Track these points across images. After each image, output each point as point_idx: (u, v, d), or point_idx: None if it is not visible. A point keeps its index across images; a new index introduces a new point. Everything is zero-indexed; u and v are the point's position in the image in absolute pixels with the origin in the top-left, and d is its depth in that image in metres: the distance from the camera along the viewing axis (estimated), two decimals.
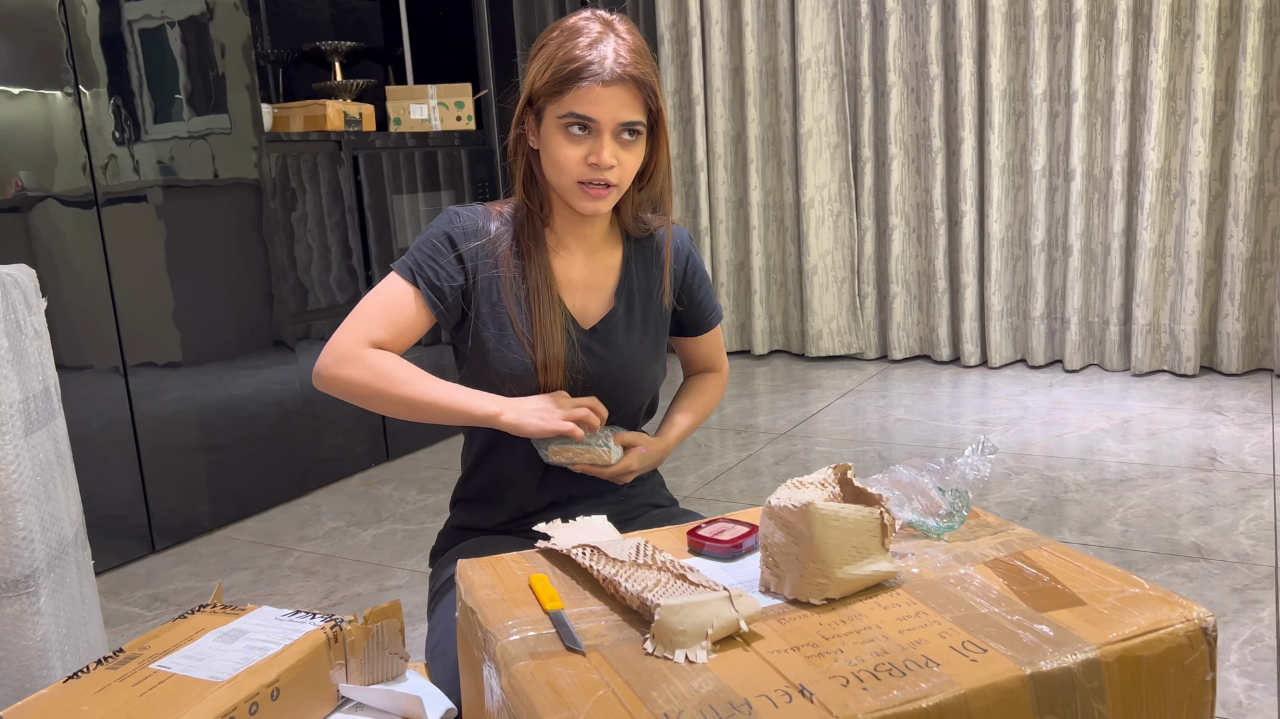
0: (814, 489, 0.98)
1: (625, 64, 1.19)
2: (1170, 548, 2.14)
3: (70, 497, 1.40)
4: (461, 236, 1.29)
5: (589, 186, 1.21)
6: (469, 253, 1.28)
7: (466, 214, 1.31)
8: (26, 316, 1.31)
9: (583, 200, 1.23)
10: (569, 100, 1.19)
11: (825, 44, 3.97)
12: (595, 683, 0.79)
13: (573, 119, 1.19)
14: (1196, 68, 3.35)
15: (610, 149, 1.20)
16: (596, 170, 1.20)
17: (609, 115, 1.19)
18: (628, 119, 1.20)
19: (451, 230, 1.29)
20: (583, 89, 1.18)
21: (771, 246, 4.29)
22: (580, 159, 1.20)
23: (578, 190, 1.22)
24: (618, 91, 1.18)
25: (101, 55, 2.33)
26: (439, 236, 1.29)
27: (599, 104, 1.18)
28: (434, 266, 1.27)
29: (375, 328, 1.24)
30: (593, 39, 1.19)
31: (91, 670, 1.01)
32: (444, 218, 1.31)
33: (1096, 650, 0.80)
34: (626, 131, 1.21)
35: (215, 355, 2.63)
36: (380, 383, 1.21)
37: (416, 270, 1.27)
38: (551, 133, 1.21)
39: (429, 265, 1.27)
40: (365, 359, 1.22)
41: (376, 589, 2.17)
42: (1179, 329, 3.55)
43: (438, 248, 1.28)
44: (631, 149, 1.23)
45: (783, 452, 3.00)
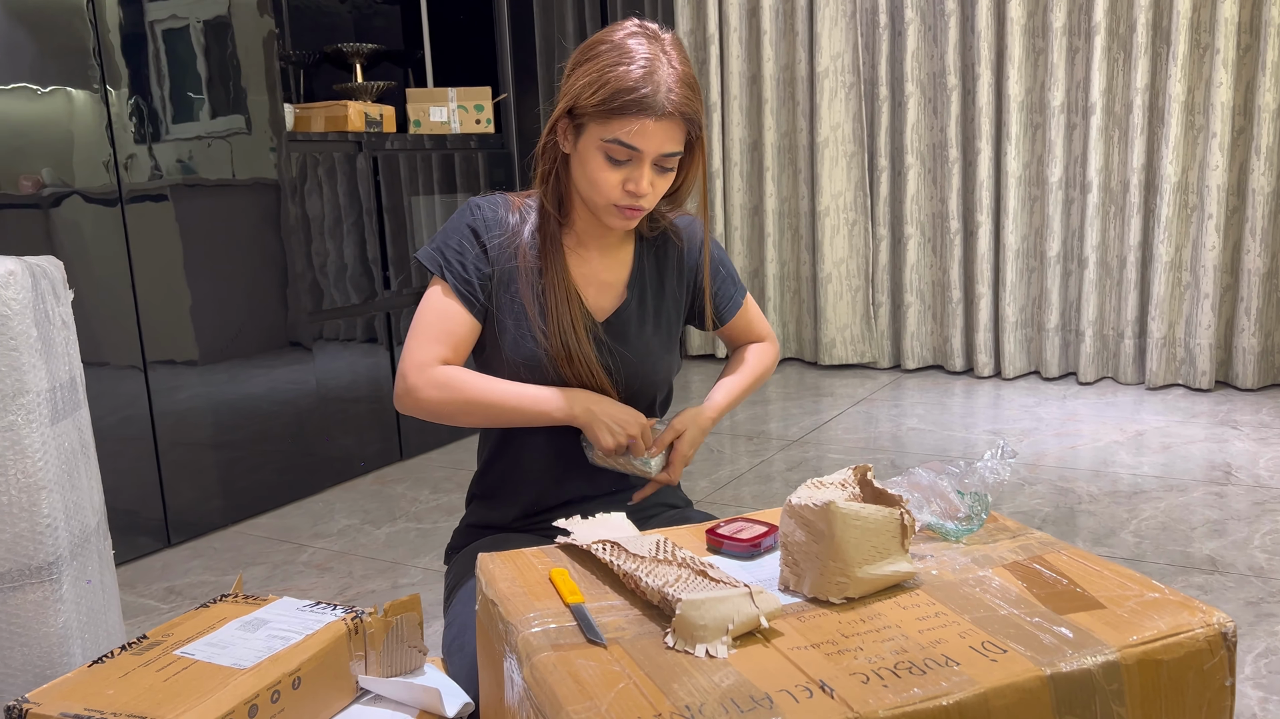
0: (834, 489, 0.98)
1: (676, 101, 1.19)
2: (1184, 560, 2.13)
3: (93, 486, 1.42)
4: (484, 228, 1.30)
5: (621, 208, 1.23)
6: (492, 245, 1.30)
7: (487, 205, 1.33)
8: (55, 307, 1.33)
9: (614, 219, 1.25)
10: (616, 127, 1.19)
11: (843, 53, 3.98)
12: (617, 675, 0.79)
13: (618, 146, 1.20)
14: (1215, 82, 3.35)
15: (648, 178, 1.22)
16: (633, 198, 1.22)
17: (654, 148, 1.20)
18: (670, 150, 1.22)
19: (474, 223, 1.31)
20: (632, 121, 1.18)
21: (786, 254, 4.29)
22: (618, 184, 1.22)
23: (611, 209, 1.24)
24: (667, 126, 1.20)
25: (127, 54, 2.36)
26: (463, 230, 1.31)
27: (646, 138, 1.19)
28: (461, 259, 1.29)
29: (434, 346, 1.28)
30: (646, 67, 1.18)
31: (116, 655, 1.02)
32: (465, 210, 1.32)
33: (1117, 653, 0.80)
34: (666, 161, 1.23)
35: (233, 353, 2.65)
36: (453, 402, 1.26)
37: (446, 266, 1.29)
38: (592, 152, 1.22)
39: (457, 260, 1.29)
40: (434, 381, 1.26)
41: (390, 586, 2.18)
42: (1194, 343, 3.54)
43: (464, 244, 1.30)
44: (665, 175, 1.25)
45: (795, 458, 3.01)
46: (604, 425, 1.26)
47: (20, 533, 1.23)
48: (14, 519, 1.22)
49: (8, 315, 1.21)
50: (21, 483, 1.22)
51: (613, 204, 1.24)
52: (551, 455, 1.35)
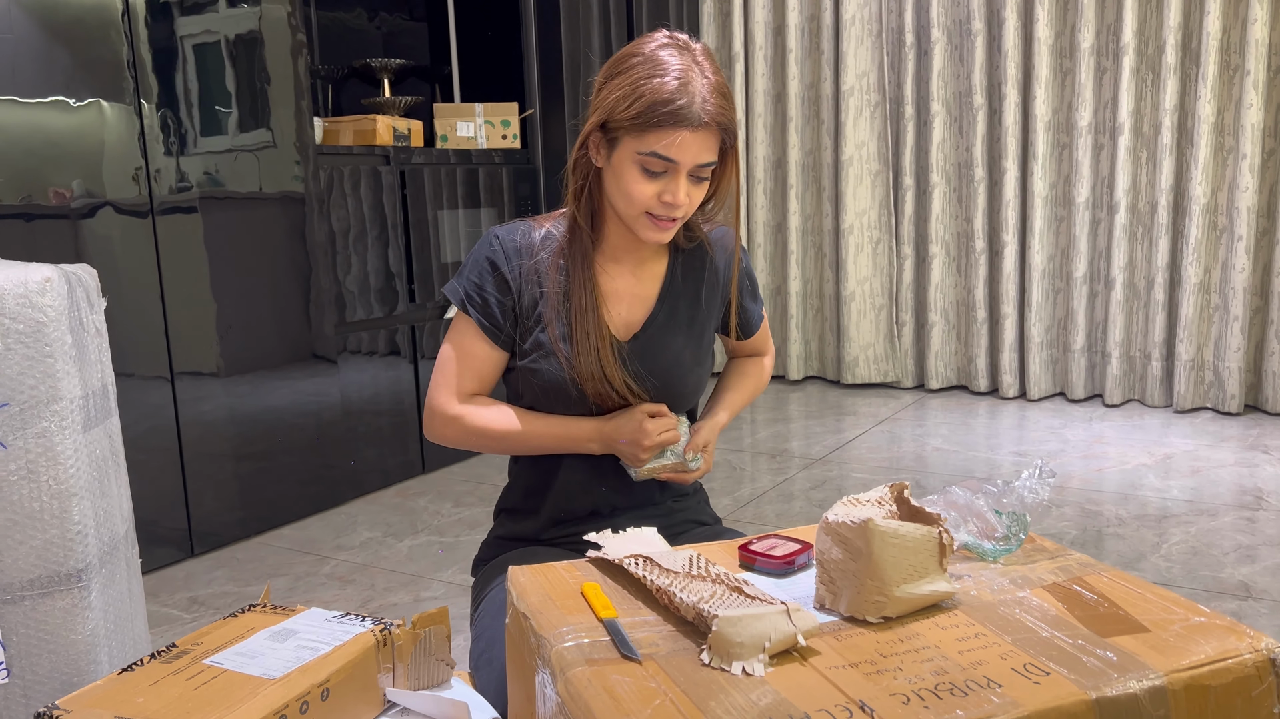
0: (871, 507, 0.97)
1: (712, 111, 1.19)
2: (1216, 585, 2.10)
3: (122, 494, 1.42)
4: (503, 259, 1.30)
5: (657, 219, 1.23)
6: (513, 275, 1.30)
7: (507, 236, 1.32)
8: (89, 314, 1.34)
9: (649, 231, 1.25)
10: (652, 140, 1.18)
11: (869, 72, 3.97)
12: (653, 691, 0.78)
13: (654, 158, 1.19)
14: (1246, 103, 3.33)
15: (684, 189, 1.21)
16: (669, 209, 1.22)
17: (690, 159, 1.20)
18: (706, 161, 1.21)
19: (493, 255, 1.31)
20: (669, 134, 1.18)
21: (809, 272, 4.28)
22: (654, 196, 1.22)
23: (645, 221, 1.24)
24: (703, 136, 1.19)
25: (160, 68, 2.38)
26: (483, 264, 1.31)
27: (683, 149, 1.19)
28: (483, 294, 1.30)
29: (458, 380, 1.32)
30: (680, 78, 1.18)
31: (145, 664, 1.02)
32: (485, 243, 1.32)
33: (1164, 678, 0.79)
34: (701, 172, 1.23)
35: (258, 365, 2.66)
36: (477, 436, 1.32)
37: (469, 301, 1.31)
38: (626, 164, 1.22)
39: (478, 293, 1.30)
40: (458, 418, 1.31)
41: (413, 600, 2.17)
42: (1223, 366, 3.50)
43: (483, 275, 1.31)
44: (700, 185, 1.25)
45: (818, 477, 2.99)
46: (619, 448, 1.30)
47: (51, 539, 1.23)
48: (45, 525, 1.23)
49: (43, 322, 1.21)
50: (53, 489, 1.23)
51: (647, 216, 1.23)
52: (581, 465, 1.34)
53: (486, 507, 2.83)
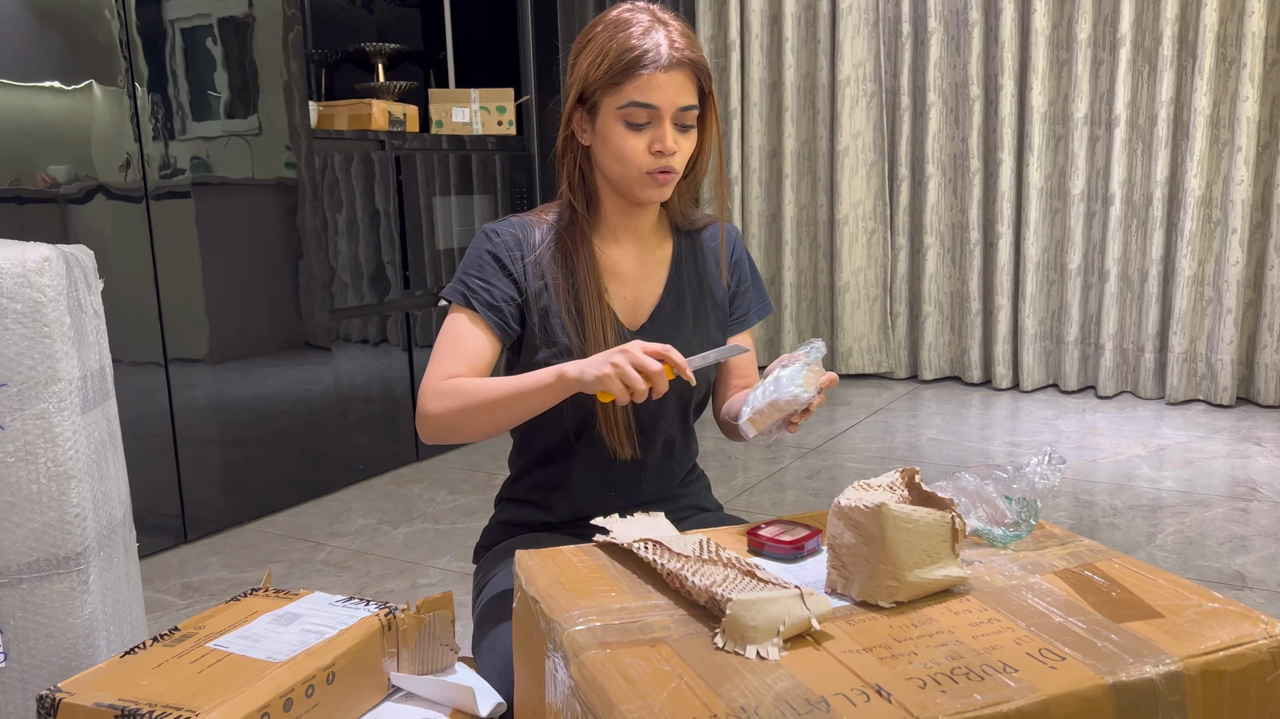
0: (883, 491, 0.97)
1: (681, 49, 1.19)
2: (1213, 575, 2.11)
3: (120, 477, 1.40)
4: (505, 252, 1.28)
5: (655, 174, 1.21)
6: (516, 268, 1.27)
7: (504, 229, 1.29)
8: (87, 296, 1.32)
9: (649, 189, 1.23)
10: (629, 90, 1.19)
11: (865, 62, 3.96)
12: (668, 674, 0.78)
13: (634, 108, 1.19)
14: (1241, 96, 3.33)
15: (672, 135, 1.20)
16: (662, 158, 1.20)
17: (669, 101, 1.19)
18: (686, 103, 1.20)
19: (494, 249, 1.28)
20: (643, 77, 1.18)
21: (804, 262, 4.28)
22: (644, 149, 1.20)
23: (644, 179, 1.22)
24: (676, 76, 1.19)
25: (153, 51, 2.35)
26: (484, 258, 1.28)
27: (660, 90, 1.18)
28: (487, 288, 1.26)
29: (450, 365, 1.23)
30: (644, 28, 1.20)
31: (148, 647, 1.00)
32: (482, 239, 1.29)
33: (1180, 663, 0.78)
34: (684, 118, 1.21)
35: (252, 352, 2.64)
36: (460, 403, 1.18)
37: (471, 295, 1.26)
38: (611, 125, 1.21)
39: (482, 288, 1.26)
40: (444, 393, 1.20)
41: (409, 586, 2.16)
42: (1216, 359, 3.51)
43: (485, 269, 1.27)
44: (687, 135, 1.24)
45: (813, 467, 2.98)
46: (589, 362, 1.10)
47: (49, 522, 1.21)
48: (43, 508, 1.21)
49: (41, 302, 1.20)
50: (51, 471, 1.21)
51: (644, 173, 1.21)
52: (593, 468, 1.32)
53: (482, 494, 2.82)
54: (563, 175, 1.29)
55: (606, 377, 1.07)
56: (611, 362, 1.07)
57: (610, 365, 1.07)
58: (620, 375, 1.06)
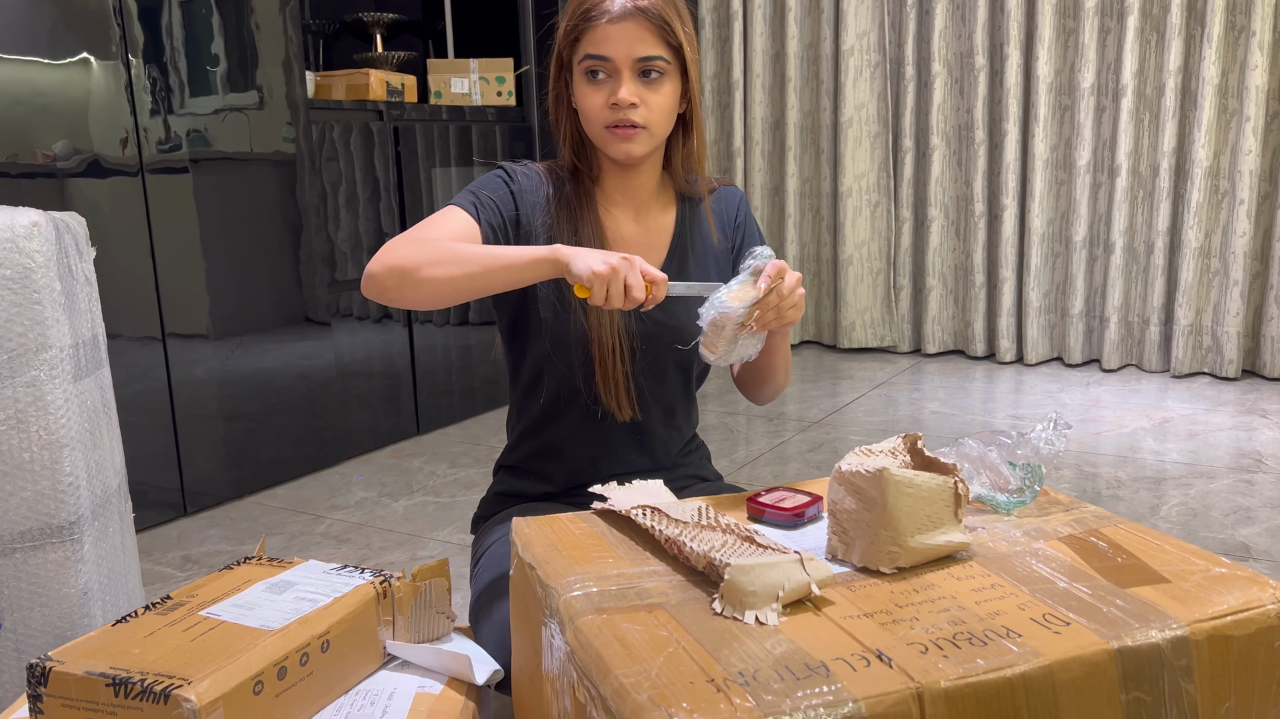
0: (885, 457, 0.95)
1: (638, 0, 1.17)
2: (1218, 546, 2.09)
3: (114, 446, 1.39)
4: (520, 194, 1.26)
5: (616, 129, 1.19)
6: (525, 211, 1.26)
7: (522, 172, 1.28)
8: (78, 263, 1.30)
9: (613, 144, 1.20)
10: (585, 44, 1.19)
11: (869, 32, 3.92)
12: (665, 639, 0.76)
13: (590, 61, 1.18)
14: (1250, 65, 3.28)
15: (630, 87, 1.17)
16: (618, 110, 1.18)
17: (622, 52, 1.17)
18: (644, 54, 1.17)
19: (512, 187, 1.26)
20: (595, 28, 1.17)
21: (807, 235, 4.24)
22: (602, 103, 1.19)
23: (606, 135, 1.20)
24: (629, 26, 1.17)
25: (148, 22, 2.32)
26: (500, 189, 1.26)
27: (610, 41, 1.17)
28: (494, 210, 1.24)
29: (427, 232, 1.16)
30: None
31: (140, 615, 0.99)
32: (502, 172, 1.28)
33: (1186, 628, 0.77)
34: (647, 69, 1.18)
35: (251, 326, 2.62)
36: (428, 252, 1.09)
37: (480, 207, 1.22)
38: (578, 83, 1.22)
39: (491, 208, 1.23)
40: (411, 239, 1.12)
41: (409, 558, 2.16)
42: (1222, 331, 3.48)
43: (502, 197, 1.25)
44: (657, 88, 1.19)
45: (815, 440, 2.97)
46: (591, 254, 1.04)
47: (41, 491, 1.20)
48: (35, 477, 1.20)
49: (31, 268, 1.18)
50: (43, 440, 1.20)
51: (604, 127, 1.19)
52: (590, 431, 1.30)
53: (482, 467, 2.81)
54: (563, 140, 1.28)
55: (600, 275, 1.01)
56: (612, 265, 1.02)
57: (608, 267, 1.01)
58: (610, 280, 1.02)
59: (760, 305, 1.05)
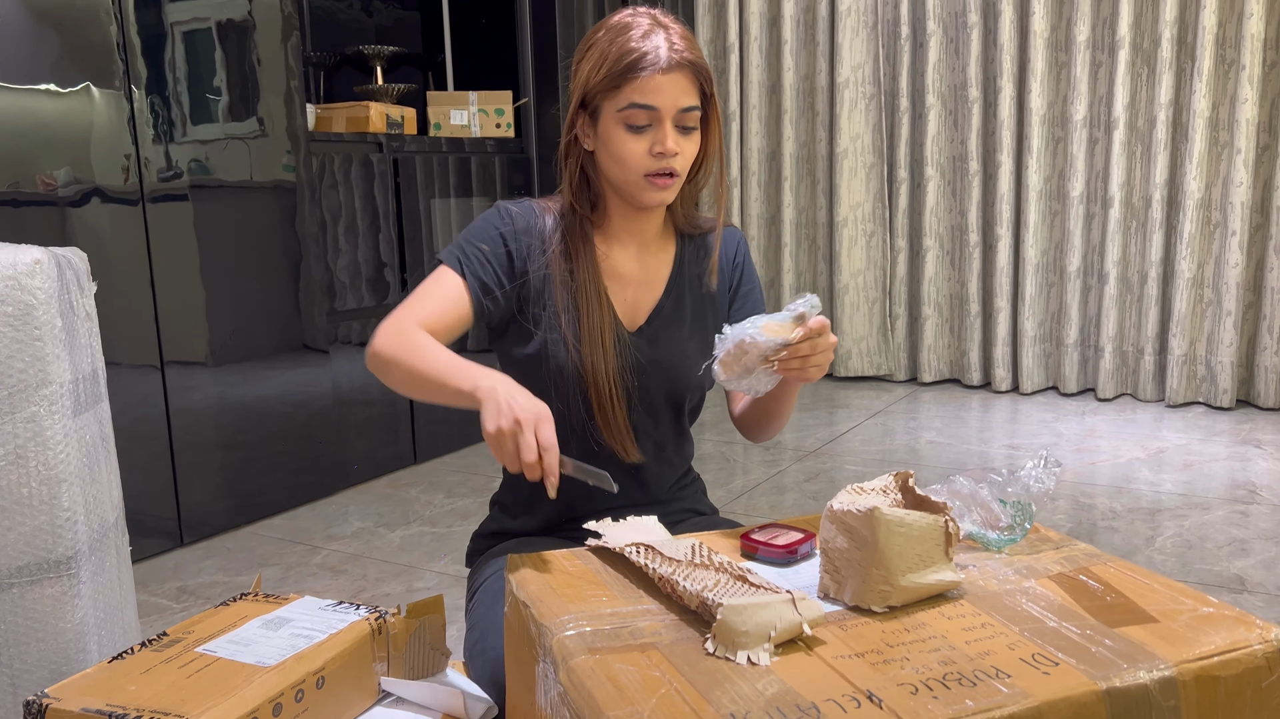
0: (876, 495, 0.96)
1: (680, 50, 1.19)
2: (1213, 579, 2.10)
3: (112, 480, 1.40)
4: (513, 236, 1.27)
5: (655, 177, 1.21)
6: (520, 254, 1.27)
7: (519, 212, 1.30)
8: (79, 298, 1.31)
9: (649, 192, 1.22)
10: (628, 92, 1.19)
11: (864, 64, 3.96)
12: (657, 680, 0.77)
13: (634, 109, 1.19)
14: (1240, 98, 3.32)
15: (673, 137, 1.20)
16: (662, 159, 1.20)
17: (669, 103, 1.19)
18: (687, 104, 1.20)
19: (504, 229, 1.27)
20: (642, 79, 1.18)
21: (803, 265, 4.27)
22: (644, 151, 1.20)
23: (644, 183, 1.22)
24: (676, 78, 1.19)
25: (150, 53, 2.35)
26: (492, 235, 1.27)
27: (659, 92, 1.18)
28: (484, 262, 1.25)
29: (420, 311, 1.20)
30: (644, 31, 1.20)
31: (136, 652, 1.00)
32: (495, 214, 1.29)
33: (1174, 668, 0.78)
34: (686, 119, 1.21)
35: (249, 355, 2.64)
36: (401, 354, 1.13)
37: (465, 263, 1.25)
38: (611, 128, 1.21)
39: (479, 261, 1.25)
40: (401, 334, 1.16)
41: (405, 590, 2.16)
42: (1216, 361, 3.50)
43: (489, 244, 1.26)
44: (691, 137, 1.23)
45: (812, 469, 2.98)
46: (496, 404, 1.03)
47: (40, 525, 1.21)
48: (34, 511, 1.21)
49: (33, 305, 1.19)
50: (42, 475, 1.21)
51: (643, 176, 1.21)
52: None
53: (479, 497, 2.81)
54: (567, 178, 1.29)
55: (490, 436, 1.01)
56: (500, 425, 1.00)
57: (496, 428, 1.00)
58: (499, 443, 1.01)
59: (791, 350, 1.05)
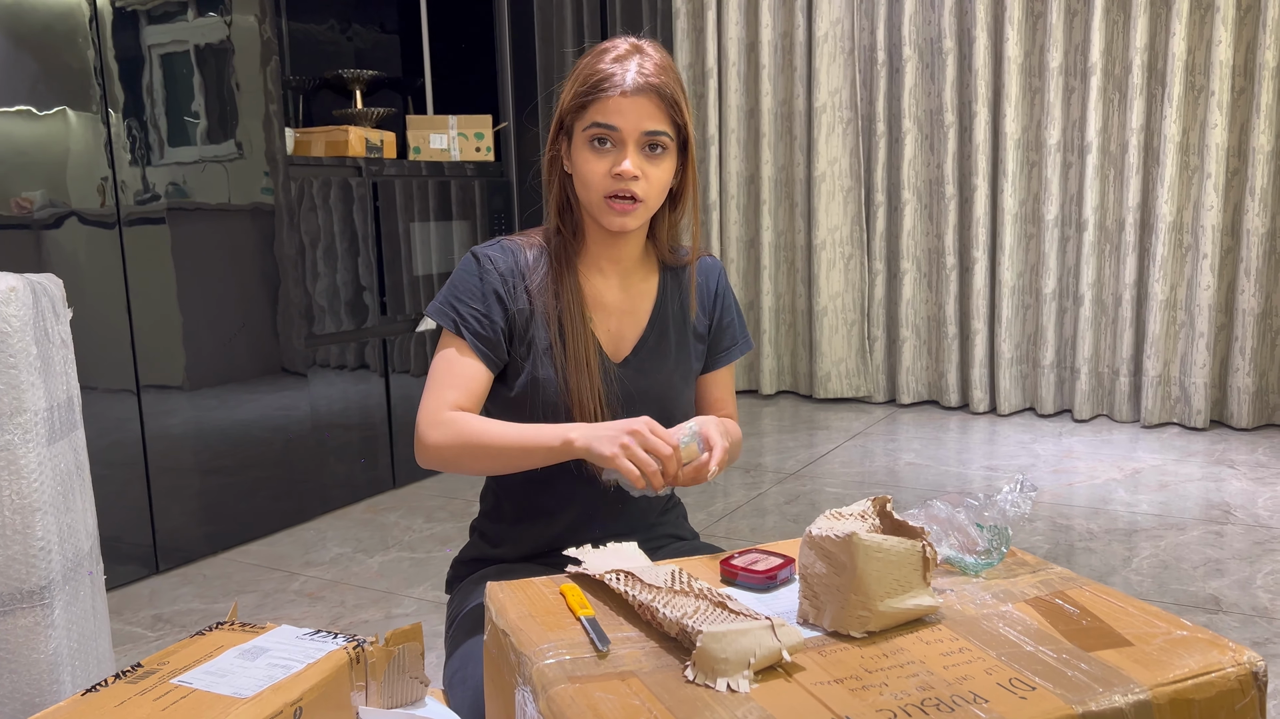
0: (854, 520, 0.96)
1: (648, 74, 1.20)
2: (1188, 599, 2.12)
3: (87, 509, 1.39)
4: (499, 281, 1.27)
5: (615, 200, 1.21)
6: (507, 295, 1.27)
7: (496, 256, 1.28)
8: (54, 325, 1.31)
9: (609, 215, 1.22)
10: (592, 112, 1.20)
11: (841, 89, 4.00)
12: (637, 708, 0.77)
13: (596, 129, 1.20)
14: (1210, 123, 3.38)
15: (634, 160, 1.20)
16: (620, 181, 1.20)
17: (631, 125, 1.19)
18: (650, 129, 1.20)
19: (488, 276, 1.27)
20: (605, 99, 1.19)
21: (782, 287, 4.29)
22: (605, 171, 1.20)
23: (604, 205, 1.22)
24: (640, 102, 1.19)
25: (128, 76, 2.35)
26: (478, 284, 1.27)
27: (620, 113, 1.19)
28: (478, 316, 1.26)
29: (448, 393, 1.24)
30: (619, 55, 1.22)
31: (110, 684, 0.99)
32: (473, 263, 1.28)
33: (1148, 692, 0.78)
34: (651, 144, 1.21)
35: (226, 379, 2.62)
36: (462, 439, 1.20)
37: (463, 324, 1.26)
38: (579, 149, 1.22)
39: (474, 317, 1.26)
40: (445, 423, 1.22)
41: (384, 616, 2.14)
42: (1189, 382, 3.54)
43: (478, 297, 1.26)
44: (658, 163, 1.22)
45: (791, 492, 2.98)
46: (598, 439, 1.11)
47: (13, 556, 1.20)
48: (7, 541, 1.19)
49: (8, 332, 1.18)
50: (16, 504, 1.19)
51: (603, 196, 1.21)
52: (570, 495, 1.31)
53: (459, 522, 2.80)
54: (550, 203, 1.30)
55: (615, 457, 1.08)
56: (621, 443, 1.08)
57: (620, 446, 1.08)
58: (630, 457, 1.08)
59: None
